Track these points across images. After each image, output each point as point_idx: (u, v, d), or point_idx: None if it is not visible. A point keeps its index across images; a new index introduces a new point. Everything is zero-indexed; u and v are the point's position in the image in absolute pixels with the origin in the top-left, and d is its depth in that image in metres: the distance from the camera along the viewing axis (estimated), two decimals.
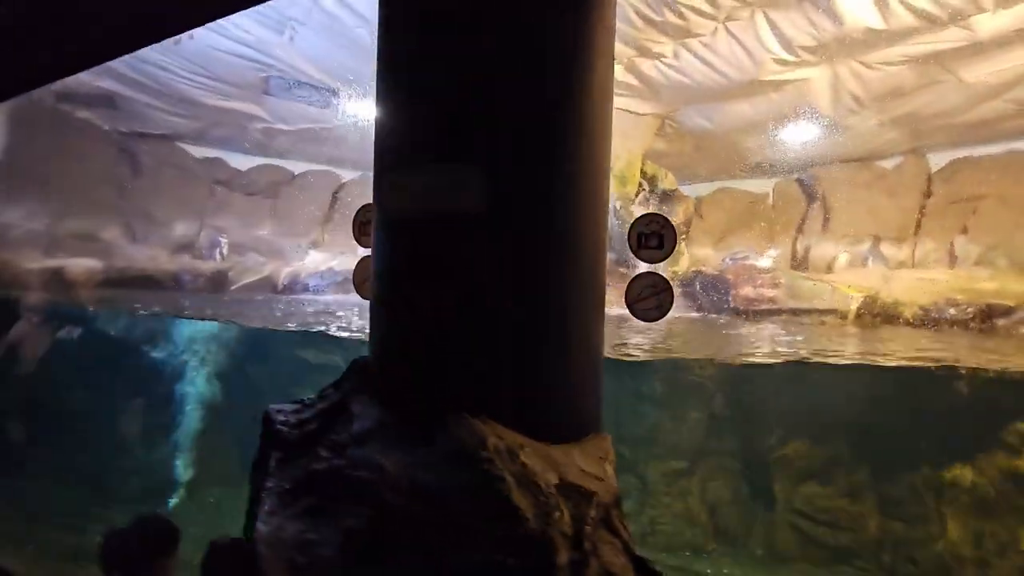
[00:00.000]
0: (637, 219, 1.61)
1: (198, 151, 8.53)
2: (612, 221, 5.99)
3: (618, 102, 5.79)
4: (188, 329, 5.48)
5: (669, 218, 4.51)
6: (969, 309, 4.39)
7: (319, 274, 6.20)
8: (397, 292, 1.08)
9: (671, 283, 1.60)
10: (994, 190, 6.38)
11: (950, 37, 4.44)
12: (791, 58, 4.70)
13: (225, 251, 8.34)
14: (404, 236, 1.08)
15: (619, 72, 5.47)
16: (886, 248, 6.99)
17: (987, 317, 4.33)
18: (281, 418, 1.16)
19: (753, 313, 4.85)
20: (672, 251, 1.69)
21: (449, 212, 1.04)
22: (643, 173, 6.44)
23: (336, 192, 9.58)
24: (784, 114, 6.01)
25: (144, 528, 1.72)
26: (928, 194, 6.93)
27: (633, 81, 5.51)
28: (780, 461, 4.26)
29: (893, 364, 3.43)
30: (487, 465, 0.87)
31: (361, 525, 0.89)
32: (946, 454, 3.32)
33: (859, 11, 4.07)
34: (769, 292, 4.89)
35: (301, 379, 4.76)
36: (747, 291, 4.94)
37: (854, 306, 4.61)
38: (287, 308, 5.78)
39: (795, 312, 4.77)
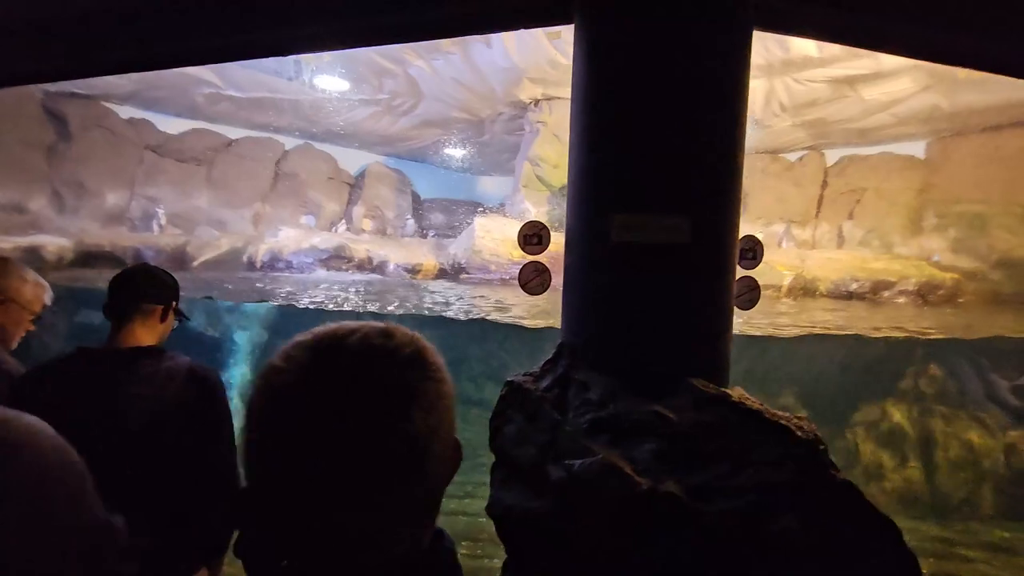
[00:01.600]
0: (740, 239, 2.23)
1: (123, 111, 7.81)
2: None
3: None
4: (222, 308, 5.25)
5: None
6: (866, 284, 5.64)
7: (302, 252, 6.15)
8: (622, 297, 1.59)
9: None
10: (872, 184, 7.87)
11: (861, 65, 5.49)
12: None
13: (163, 222, 7.84)
14: (632, 259, 1.59)
15: None
16: (793, 230, 8.33)
17: (877, 290, 5.60)
18: (531, 387, 1.64)
19: None
20: (760, 261, 2.35)
21: (667, 244, 1.56)
22: None
23: (279, 161, 9.23)
24: None
25: None
26: (825, 185, 8.33)
27: None
28: None
29: (823, 333, 4.45)
30: (742, 405, 1.42)
31: (664, 447, 1.40)
32: (860, 399, 4.40)
33: (803, 42, 4.92)
34: None
35: None
36: None
37: (786, 282, 5.68)
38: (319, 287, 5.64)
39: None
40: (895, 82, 5.82)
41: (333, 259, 6.02)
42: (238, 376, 5.19)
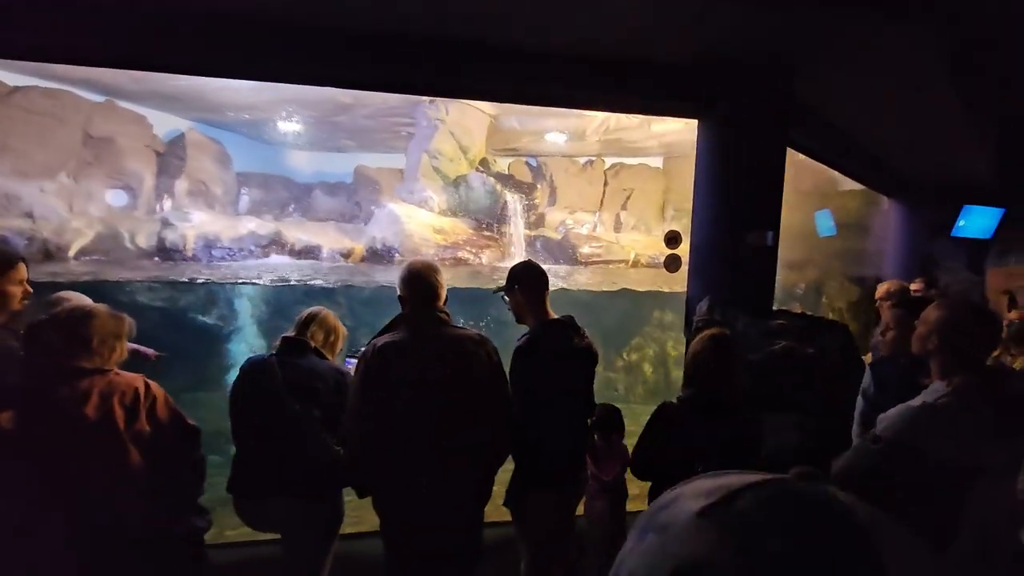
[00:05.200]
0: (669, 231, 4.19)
1: None
2: (481, 191, 7.85)
3: (477, 103, 7.81)
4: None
5: (531, 200, 7.77)
6: (661, 257, 8.61)
7: (242, 238, 5.58)
8: (747, 271, 3.44)
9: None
10: (637, 185, 11.25)
11: None
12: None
13: None
14: (754, 252, 3.44)
15: None
16: (584, 216, 11.15)
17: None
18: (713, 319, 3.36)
19: (589, 263, 7.85)
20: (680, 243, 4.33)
21: (764, 245, 3.48)
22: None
23: (87, 123, 7.41)
24: (563, 128, 9.04)
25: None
26: (606, 183, 11.38)
27: None
28: None
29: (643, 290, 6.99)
30: (808, 313, 3.43)
31: (794, 337, 3.29)
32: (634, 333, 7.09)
33: None
34: (597, 250, 7.96)
35: None
36: (586, 250, 7.90)
37: (631, 257, 8.18)
38: None
39: (608, 262, 8.02)
40: (672, 123, 8.86)
41: (273, 244, 5.80)
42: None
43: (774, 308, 3.76)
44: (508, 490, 2.31)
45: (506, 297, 2.43)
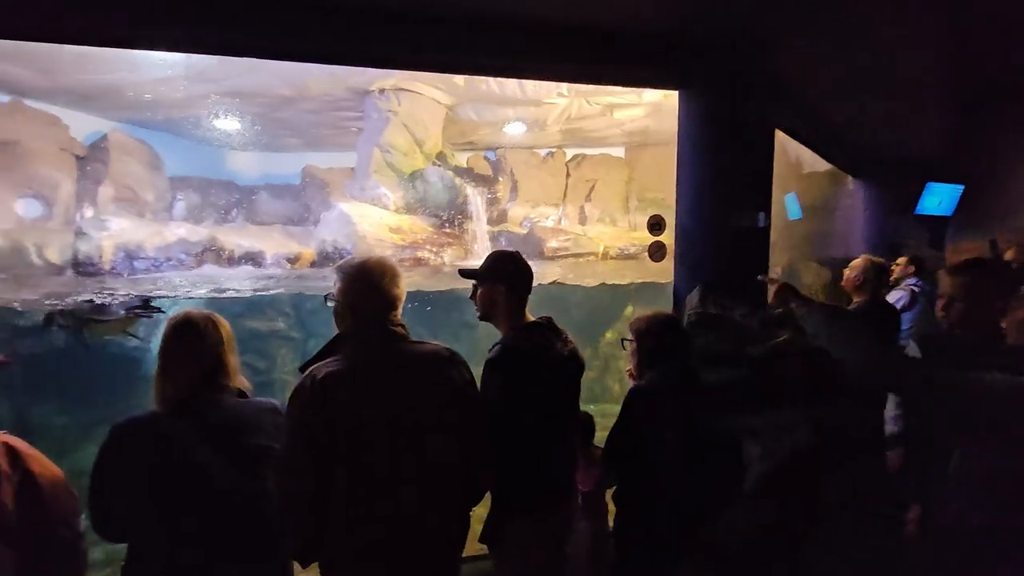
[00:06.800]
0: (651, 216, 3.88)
1: None
2: (439, 186, 7.37)
3: (430, 93, 7.35)
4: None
5: (493, 195, 7.40)
6: (632, 248, 8.33)
7: (170, 246, 4.92)
8: (738, 254, 3.13)
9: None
10: (600, 176, 10.97)
11: (626, 97, 7.96)
12: (558, 96, 7.30)
13: None
14: (742, 233, 3.12)
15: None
16: (548, 210, 10.81)
17: (641, 253, 8.38)
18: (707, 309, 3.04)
19: (558, 257, 7.49)
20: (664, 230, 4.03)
21: (752, 227, 3.17)
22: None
23: None
24: (521, 117, 8.65)
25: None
26: (568, 175, 11.06)
27: (458, 81, 6.99)
28: None
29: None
30: (812, 298, 3.13)
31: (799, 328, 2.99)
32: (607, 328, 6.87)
33: None
34: (565, 244, 7.60)
35: (250, 345, 4.38)
36: (553, 244, 7.53)
37: (600, 249, 7.86)
38: None
39: (577, 255, 7.67)
40: (635, 110, 8.59)
41: (207, 252, 5.17)
42: None
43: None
44: (485, 524, 1.93)
45: (479, 289, 2.03)
